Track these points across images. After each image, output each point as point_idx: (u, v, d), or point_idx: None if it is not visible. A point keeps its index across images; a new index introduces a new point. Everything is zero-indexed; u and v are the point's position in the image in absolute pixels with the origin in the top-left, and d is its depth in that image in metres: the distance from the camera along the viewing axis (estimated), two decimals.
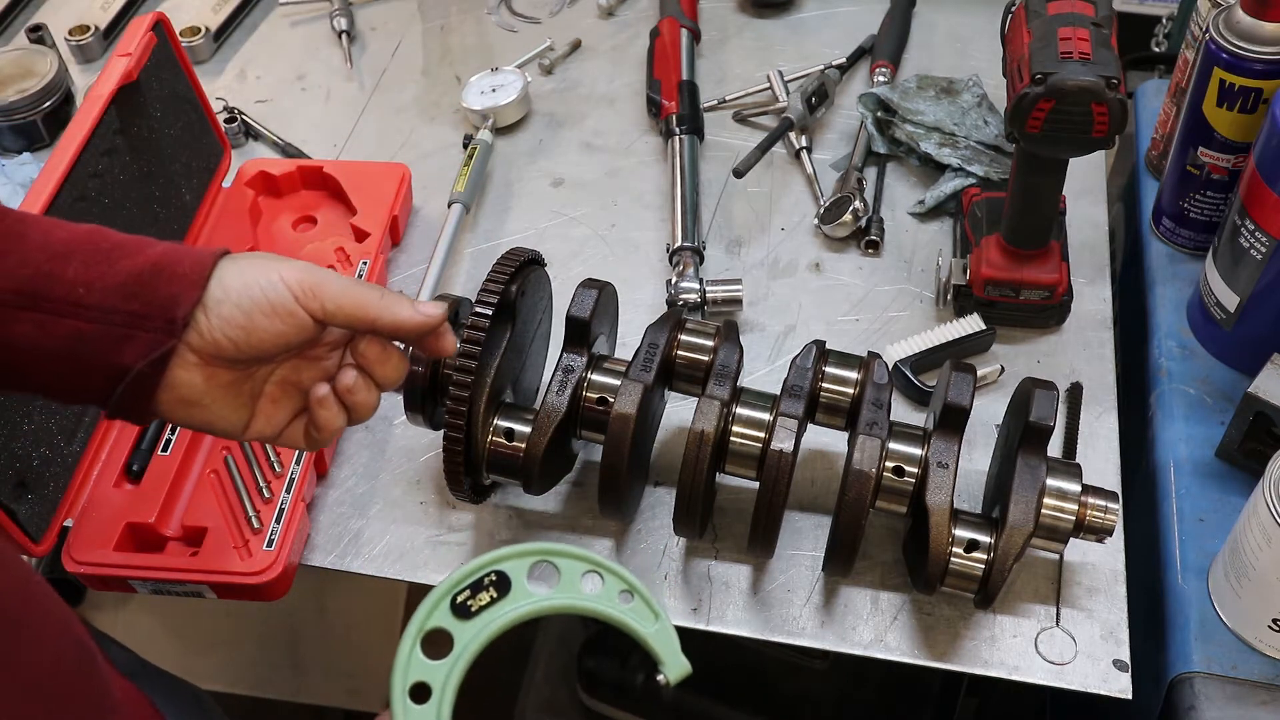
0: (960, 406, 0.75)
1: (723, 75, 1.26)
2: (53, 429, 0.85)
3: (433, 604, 0.59)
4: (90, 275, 0.58)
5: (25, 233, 0.57)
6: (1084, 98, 0.78)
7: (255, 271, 0.62)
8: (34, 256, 0.57)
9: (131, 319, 0.59)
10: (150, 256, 0.60)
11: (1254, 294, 0.87)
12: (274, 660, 1.49)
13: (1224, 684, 0.76)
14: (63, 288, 0.57)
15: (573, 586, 0.61)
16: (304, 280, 0.62)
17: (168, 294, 0.59)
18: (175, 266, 0.60)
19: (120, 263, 0.59)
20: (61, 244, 0.58)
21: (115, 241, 0.60)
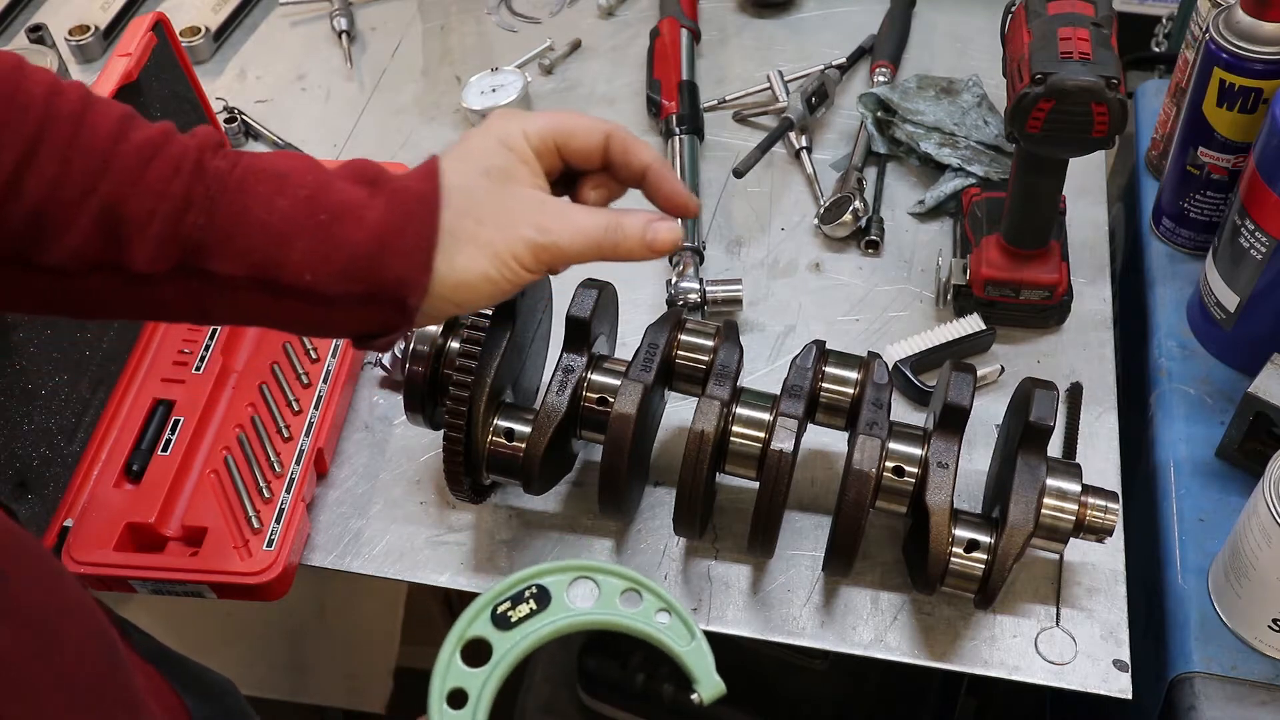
0: (960, 406, 0.75)
1: (723, 75, 1.26)
2: (53, 429, 0.85)
3: (474, 613, 0.60)
4: (315, 258, 0.56)
5: (246, 207, 0.55)
6: (1084, 98, 0.78)
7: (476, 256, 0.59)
8: (258, 240, 0.56)
9: (362, 299, 0.58)
10: (371, 228, 0.57)
11: (1254, 294, 0.87)
12: (274, 660, 1.49)
13: (1224, 684, 0.76)
14: (290, 274, 0.56)
15: (611, 603, 0.62)
16: (533, 253, 0.60)
17: (395, 277, 0.57)
18: (398, 240, 0.57)
19: (342, 239, 0.56)
20: (282, 221, 0.56)
21: (334, 205, 0.57)
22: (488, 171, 0.61)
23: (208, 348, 0.95)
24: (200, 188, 0.55)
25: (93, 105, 0.56)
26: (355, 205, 0.57)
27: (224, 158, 0.57)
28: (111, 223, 0.55)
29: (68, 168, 0.54)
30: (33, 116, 0.54)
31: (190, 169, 0.56)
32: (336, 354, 0.94)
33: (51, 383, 0.85)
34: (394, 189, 0.59)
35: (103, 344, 0.91)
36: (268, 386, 0.92)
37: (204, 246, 0.55)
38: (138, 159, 0.55)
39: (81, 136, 0.54)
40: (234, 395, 0.93)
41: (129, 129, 0.56)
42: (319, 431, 0.89)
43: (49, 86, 0.55)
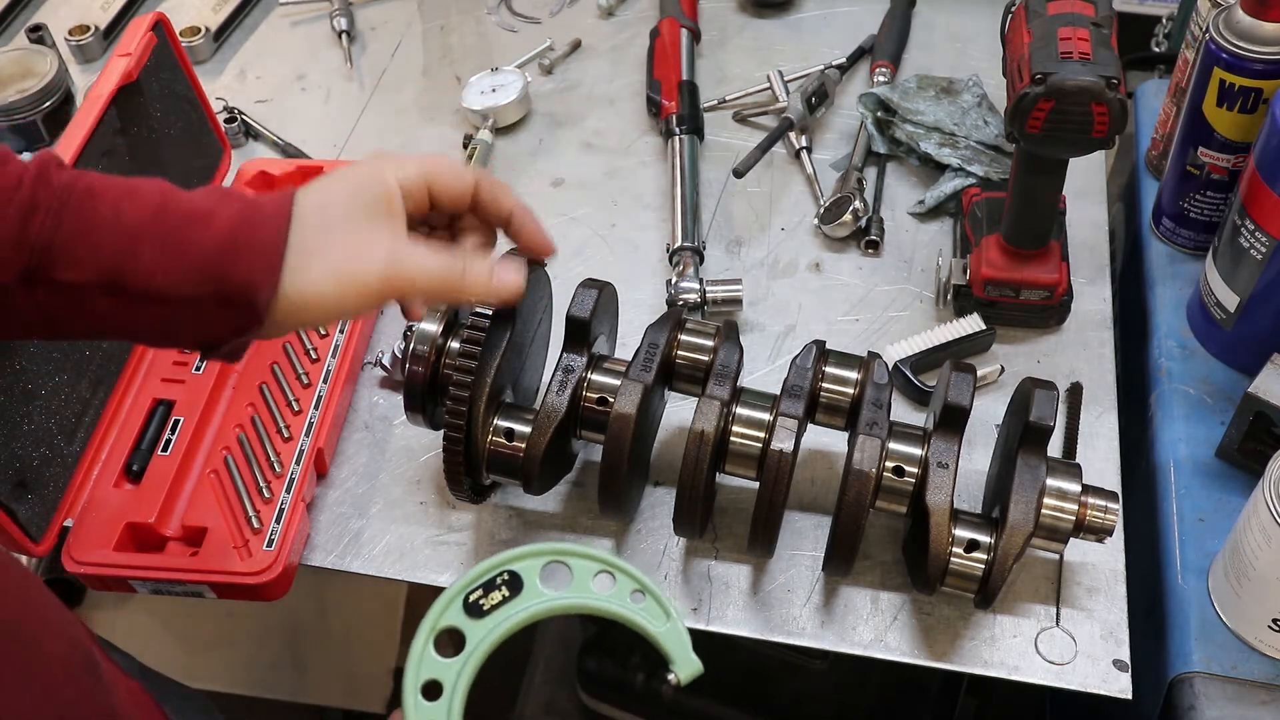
0: (960, 406, 0.75)
1: (723, 75, 1.26)
2: (53, 429, 0.85)
3: (445, 603, 0.60)
4: (165, 260, 0.56)
5: (95, 208, 0.56)
6: (1084, 98, 0.78)
7: (325, 274, 0.60)
8: (106, 240, 0.56)
9: (212, 300, 0.58)
10: (220, 230, 0.57)
11: (1254, 294, 0.87)
12: (274, 660, 1.49)
13: (1224, 684, 0.76)
14: (139, 277, 0.56)
15: (584, 586, 0.62)
16: (383, 281, 0.61)
17: (245, 278, 0.57)
18: (247, 240, 0.57)
19: (193, 241, 0.57)
20: (132, 223, 0.56)
21: (183, 212, 0.57)
22: (352, 198, 0.62)
23: None
24: (46, 194, 0.55)
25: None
26: (204, 211, 0.58)
27: (68, 172, 0.57)
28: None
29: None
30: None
31: (33, 179, 0.56)
32: (336, 354, 0.94)
33: (51, 383, 0.85)
34: (245, 200, 0.60)
35: (102, 344, 0.91)
36: (268, 386, 0.92)
37: (51, 250, 0.55)
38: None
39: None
40: (234, 395, 0.93)
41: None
42: (319, 431, 0.89)
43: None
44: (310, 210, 0.61)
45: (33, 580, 0.58)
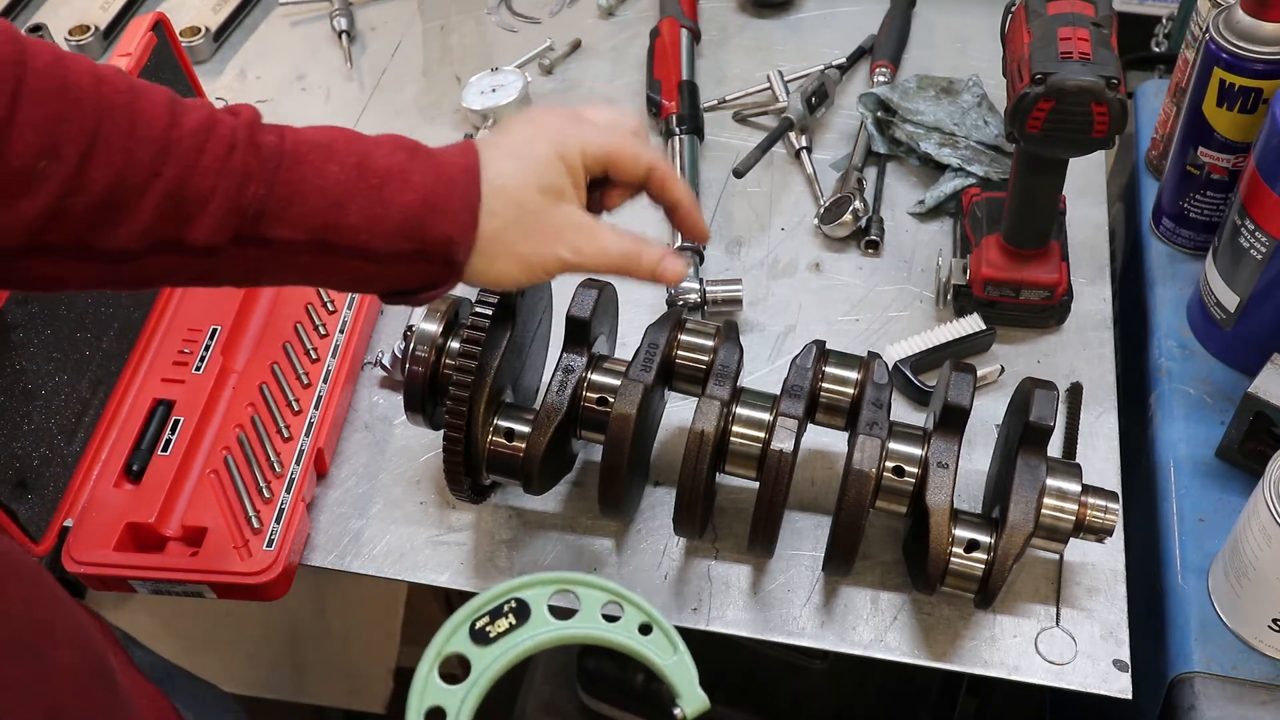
0: (960, 406, 0.75)
1: (723, 75, 1.26)
2: (53, 429, 0.85)
3: (452, 629, 0.59)
4: (369, 219, 0.59)
5: (303, 172, 0.58)
6: (1084, 98, 0.78)
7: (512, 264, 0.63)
8: (315, 205, 0.58)
9: (413, 256, 0.61)
10: (420, 189, 0.60)
11: (1254, 294, 0.87)
12: (274, 660, 1.49)
13: (1224, 684, 0.76)
14: (347, 235, 0.59)
15: (592, 616, 0.61)
16: (562, 267, 0.64)
17: (443, 235, 0.61)
18: (445, 202, 0.61)
19: (393, 201, 0.59)
20: (336, 187, 0.59)
21: (381, 171, 0.60)
22: (542, 189, 0.64)
23: (208, 348, 0.95)
24: (256, 161, 0.58)
25: (139, 91, 0.57)
26: (400, 170, 0.60)
27: (270, 131, 0.59)
28: (174, 204, 0.56)
29: (131, 156, 0.55)
30: (87, 108, 0.55)
31: (245, 144, 0.58)
32: (336, 354, 0.94)
33: (51, 383, 0.85)
34: (433, 159, 0.62)
35: (103, 344, 0.91)
36: (268, 386, 0.92)
37: (264, 216, 0.58)
38: (194, 140, 0.57)
39: (138, 124, 0.56)
40: (234, 395, 0.93)
41: (179, 112, 0.57)
42: (319, 431, 0.89)
43: (93, 75, 0.56)
44: (509, 203, 0.63)
45: (46, 586, 0.58)
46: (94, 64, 0.57)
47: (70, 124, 0.54)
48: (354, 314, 0.97)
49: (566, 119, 0.66)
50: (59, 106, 0.54)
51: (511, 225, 0.63)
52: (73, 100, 0.54)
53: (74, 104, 0.54)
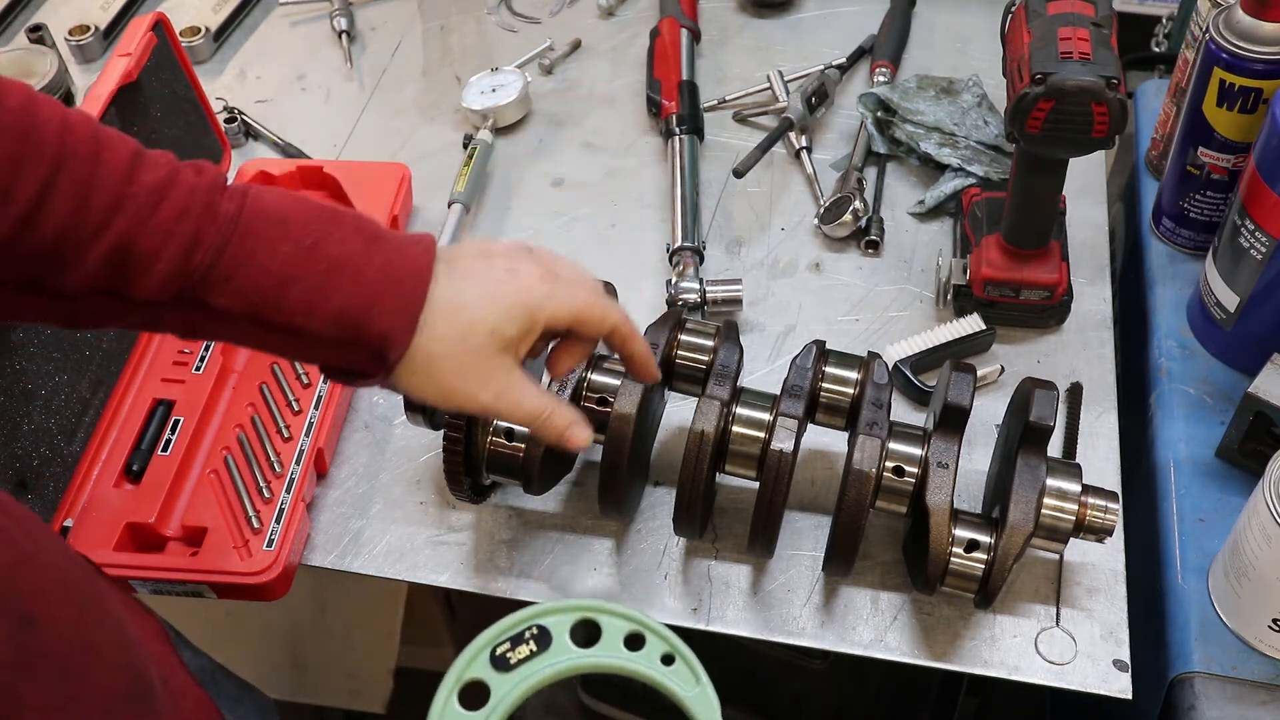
0: (960, 406, 0.75)
1: (723, 75, 1.26)
2: (53, 429, 0.85)
3: (472, 655, 0.59)
4: (308, 304, 0.59)
5: (253, 247, 0.58)
6: (1084, 98, 0.78)
7: (432, 390, 0.63)
8: (258, 282, 0.58)
9: (347, 344, 0.60)
10: (365, 283, 0.60)
11: (1254, 294, 0.87)
12: (274, 660, 1.49)
13: (1224, 684, 0.76)
14: (284, 314, 0.59)
15: (614, 645, 0.61)
16: (480, 409, 0.64)
17: (379, 331, 0.60)
18: (388, 301, 0.60)
19: (338, 289, 0.59)
20: (283, 267, 0.58)
21: (331, 259, 0.59)
22: (493, 331, 0.63)
23: (208, 348, 0.95)
24: (210, 229, 0.57)
25: (104, 142, 0.57)
26: (350, 259, 0.60)
27: (230, 198, 0.59)
28: (121, 258, 0.56)
29: (84, 205, 0.55)
30: (48, 153, 0.55)
31: (200, 210, 0.58)
32: None
33: (51, 383, 0.85)
34: (388, 253, 0.61)
35: (102, 344, 0.91)
36: (268, 386, 0.92)
37: (206, 282, 0.58)
38: (149, 198, 0.56)
39: (97, 174, 0.56)
40: (234, 395, 0.93)
41: (139, 167, 0.57)
42: (319, 431, 0.89)
43: (60, 122, 0.56)
44: (447, 319, 0.62)
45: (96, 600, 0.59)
46: (64, 110, 0.57)
47: (28, 167, 0.54)
48: None
49: (544, 275, 0.66)
50: (20, 147, 0.54)
51: (447, 355, 0.62)
52: (34, 143, 0.54)
53: (35, 146, 0.54)
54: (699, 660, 0.61)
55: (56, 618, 0.53)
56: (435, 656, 1.59)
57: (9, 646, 0.49)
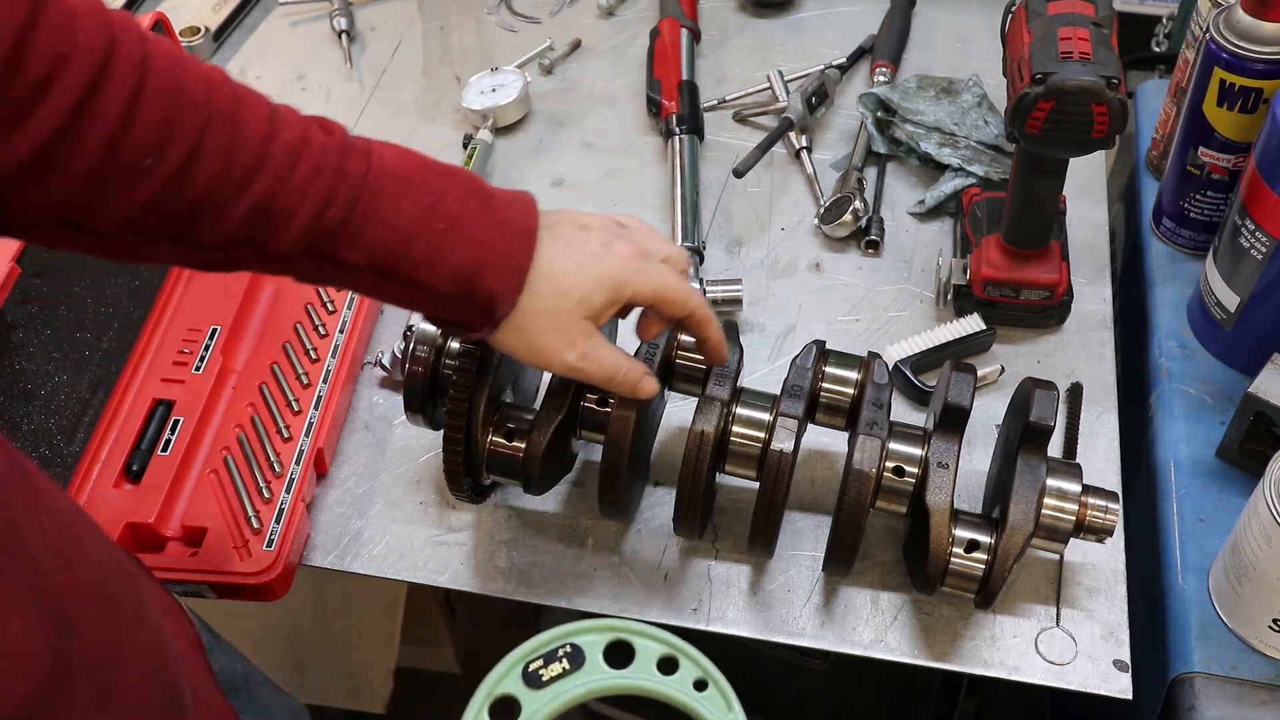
0: (960, 406, 0.75)
1: (723, 75, 1.26)
2: (52, 429, 0.85)
3: (505, 670, 0.58)
4: (430, 260, 0.63)
5: (380, 205, 0.61)
6: (1084, 98, 0.78)
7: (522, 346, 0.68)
8: (385, 237, 0.61)
9: (461, 298, 0.64)
10: (479, 241, 0.63)
11: (1254, 294, 0.87)
12: (274, 660, 1.49)
13: (1224, 684, 0.76)
14: (407, 268, 0.63)
15: (647, 668, 0.60)
16: (564, 368, 0.69)
17: (491, 288, 0.64)
18: (500, 259, 0.64)
19: (455, 248, 0.63)
20: (407, 224, 0.62)
21: (450, 218, 0.63)
22: (582, 300, 0.67)
23: (207, 348, 0.95)
24: (342, 188, 0.60)
25: (243, 100, 0.59)
26: (468, 217, 0.64)
27: (358, 157, 0.61)
28: (261, 215, 0.59)
29: (228, 165, 0.57)
30: (197, 115, 0.56)
31: (333, 170, 0.60)
32: (336, 354, 0.94)
33: (51, 383, 0.85)
34: (499, 214, 0.65)
35: (102, 344, 0.91)
36: (268, 386, 0.92)
37: (337, 238, 0.61)
38: (287, 157, 0.58)
39: (239, 135, 0.57)
40: (234, 395, 0.93)
41: (276, 125, 0.59)
42: (319, 431, 0.89)
43: (205, 81, 0.57)
44: (547, 280, 0.66)
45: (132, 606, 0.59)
46: (205, 67, 0.59)
47: (180, 126, 0.56)
48: (354, 314, 0.97)
49: (635, 253, 0.69)
50: (173, 109, 0.55)
51: (543, 312, 0.66)
52: (186, 104, 0.56)
53: (186, 107, 0.56)
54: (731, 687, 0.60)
55: (96, 625, 0.54)
56: (435, 656, 1.59)
57: (49, 653, 0.49)
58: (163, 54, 0.56)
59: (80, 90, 0.52)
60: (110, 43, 0.53)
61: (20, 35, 0.50)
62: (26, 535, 0.51)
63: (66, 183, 0.54)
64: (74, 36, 0.52)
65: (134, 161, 0.55)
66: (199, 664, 0.68)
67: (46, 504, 0.54)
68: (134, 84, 0.54)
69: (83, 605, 0.53)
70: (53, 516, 0.54)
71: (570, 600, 0.83)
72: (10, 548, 0.49)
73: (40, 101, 0.51)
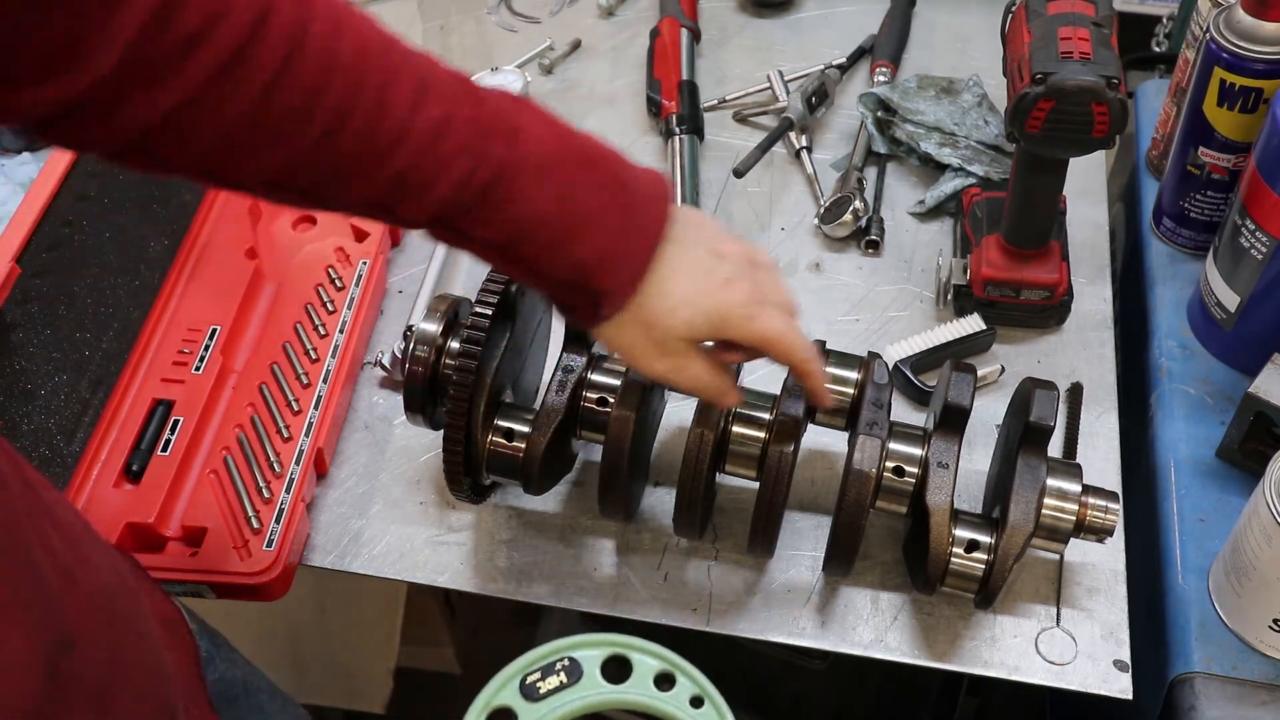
0: (960, 406, 0.75)
1: (723, 75, 1.26)
2: (52, 429, 0.85)
3: (502, 681, 0.59)
4: (551, 249, 0.63)
5: (512, 197, 0.61)
6: (1084, 97, 0.78)
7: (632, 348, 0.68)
8: (513, 222, 0.62)
9: (573, 286, 0.64)
10: (601, 240, 0.63)
11: (1254, 294, 0.87)
12: (274, 660, 1.49)
13: (1224, 684, 0.76)
14: (528, 252, 0.63)
15: (644, 683, 0.60)
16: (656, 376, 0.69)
17: (603, 287, 0.64)
18: (620, 262, 0.64)
19: (579, 242, 0.63)
20: (538, 212, 0.62)
21: (580, 214, 0.63)
22: (688, 322, 0.67)
23: (207, 348, 0.95)
24: (481, 171, 0.60)
25: (395, 68, 0.58)
26: (599, 213, 0.63)
27: (503, 139, 0.61)
28: (396, 186, 0.59)
29: (373, 135, 0.57)
30: (347, 86, 0.56)
31: (476, 151, 0.60)
32: (336, 354, 0.94)
33: (51, 383, 0.85)
34: (632, 207, 0.64)
35: (102, 344, 0.91)
36: (267, 386, 0.92)
37: (467, 215, 0.61)
38: (429, 135, 0.58)
39: (385, 107, 0.57)
40: (234, 395, 0.93)
41: (425, 96, 0.59)
42: (319, 431, 0.89)
43: (358, 46, 0.57)
44: (659, 289, 0.66)
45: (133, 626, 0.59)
46: (364, 29, 0.59)
47: (327, 96, 0.55)
48: (354, 314, 0.97)
49: (752, 297, 0.68)
50: (324, 76, 0.55)
51: (645, 322, 0.66)
52: (338, 70, 0.56)
53: (338, 74, 0.56)
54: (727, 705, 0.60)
55: (95, 644, 0.53)
56: (435, 656, 1.59)
57: (46, 671, 0.48)
58: (324, 16, 0.56)
59: (230, 51, 0.52)
60: (266, 5, 0.53)
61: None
62: (36, 554, 0.50)
63: (208, 138, 0.54)
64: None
65: (277, 125, 0.55)
66: (193, 679, 0.68)
67: (54, 517, 0.54)
68: (287, 50, 0.53)
69: (83, 624, 0.52)
70: (60, 531, 0.54)
71: (570, 600, 0.83)
72: (18, 566, 0.49)
73: (189, 57, 0.51)
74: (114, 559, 0.62)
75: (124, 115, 0.52)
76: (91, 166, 0.91)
